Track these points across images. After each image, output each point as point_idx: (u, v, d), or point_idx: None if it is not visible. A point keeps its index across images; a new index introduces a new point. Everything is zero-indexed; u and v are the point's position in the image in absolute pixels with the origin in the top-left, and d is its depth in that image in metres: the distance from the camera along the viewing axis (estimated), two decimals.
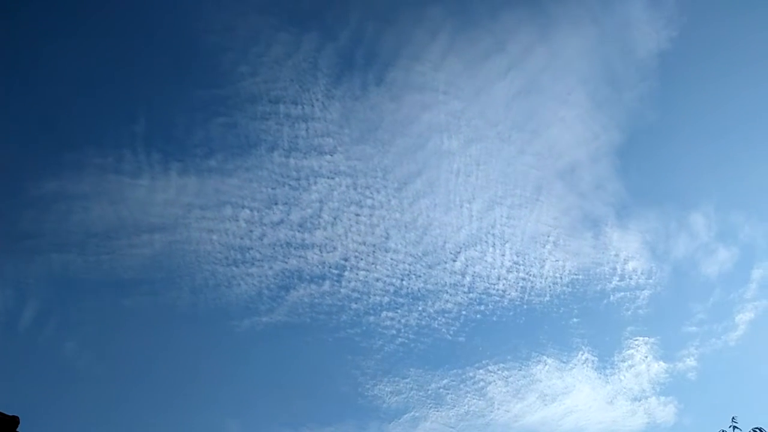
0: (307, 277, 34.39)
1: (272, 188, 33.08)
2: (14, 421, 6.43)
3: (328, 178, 33.75)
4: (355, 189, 33.98)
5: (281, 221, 33.39)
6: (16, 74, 30.03)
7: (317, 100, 34.00)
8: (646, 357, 35.03)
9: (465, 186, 36.04)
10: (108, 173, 31.95)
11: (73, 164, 32.45)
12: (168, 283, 32.38)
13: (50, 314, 30.13)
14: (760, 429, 6.53)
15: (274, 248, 33.19)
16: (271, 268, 33.29)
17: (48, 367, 29.26)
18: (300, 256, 33.73)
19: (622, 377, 34.81)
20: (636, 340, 35.35)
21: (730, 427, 6.68)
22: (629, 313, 36.24)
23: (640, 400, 34.73)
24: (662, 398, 34.85)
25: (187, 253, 31.93)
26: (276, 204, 33.33)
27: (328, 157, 33.95)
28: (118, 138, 33.92)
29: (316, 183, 33.91)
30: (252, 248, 32.83)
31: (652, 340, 35.99)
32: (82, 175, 32.09)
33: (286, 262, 33.67)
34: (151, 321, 33.01)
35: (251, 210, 32.83)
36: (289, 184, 33.70)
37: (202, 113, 36.16)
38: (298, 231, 33.54)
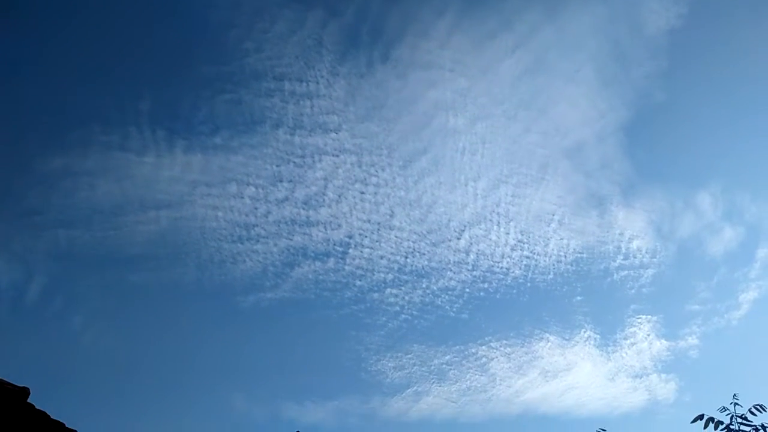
0: (312, 254, 34.55)
1: (277, 165, 33.07)
2: (24, 392, 6.52)
3: (332, 155, 33.70)
4: (360, 167, 33.93)
5: (286, 198, 33.45)
6: (22, 52, 29.90)
7: (322, 77, 33.81)
8: (649, 335, 35.20)
9: (470, 164, 35.94)
10: (114, 150, 31.98)
11: (79, 141, 32.47)
12: (174, 259, 32.59)
13: (57, 289, 30.41)
14: (761, 406, 6.57)
15: (278, 225, 33.31)
16: (275, 245, 33.45)
17: (55, 340, 29.59)
18: (305, 234, 33.86)
19: (624, 355, 35.02)
20: (639, 318, 35.49)
21: (731, 404, 6.72)
22: (633, 291, 36.32)
23: (641, 377, 34.99)
24: (663, 376, 35.10)
25: (192, 229, 32.08)
26: (281, 181, 33.36)
27: (333, 134, 33.87)
28: (124, 115, 33.86)
29: (321, 160, 33.87)
30: (257, 225, 32.95)
31: (654, 318, 36.12)
32: (88, 152, 32.13)
33: (291, 239, 33.81)
34: (157, 296, 33.32)
35: (256, 187, 32.88)
36: (294, 162, 33.68)
37: (207, 90, 36.02)
38: (303, 208, 33.61)
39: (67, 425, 7.60)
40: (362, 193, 34.45)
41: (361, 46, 36.55)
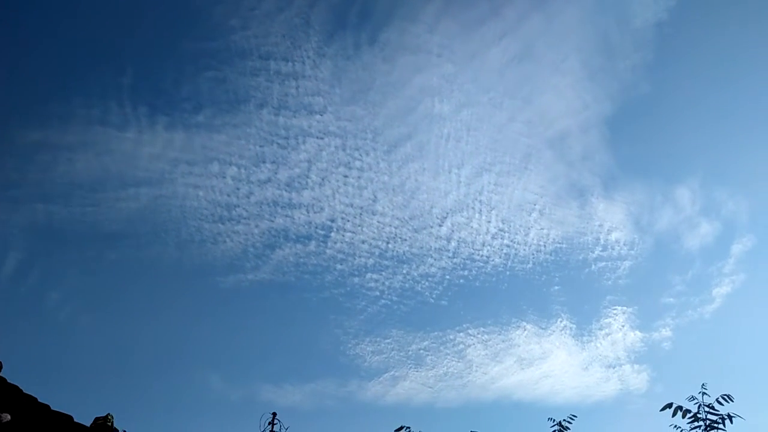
0: (293, 236, 34.48)
1: (260, 146, 32.83)
2: None
3: (317, 138, 33.52)
4: (344, 150, 33.81)
5: (269, 180, 33.27)
6: (2, 23, 29.21)
7: (308, 57, 33.51)
8: (623, 326, 35.78)
9: (454, 151, 36.02)
10: (94, 125, 31.50)
11: (59, 114, 31.92)
12: (153, 237, 32.33)
13: (33, 264, 30.03)
14: (728, 396, 6.73)
15: (260, 206, 33.15)
16: (257, 226, 33.31)
17: (31, 316, 29.31)
18: (287, 216, 33.76)
19: (599, 345, 35.60)
20: (614, 309, 36.03)
21: (699, 393, 6.87)
22: (609, 282, 36.85)
23: (614, 367, 35.62)
24: (636, 366, 35.76)
25: (172, 208, 31.81)
26: (264, 162, 33.15)
27: (317, 116, 33.66)
28: (105, 89, 33.33)
29: (305, 142, 33.69)
30: (239, 206, 32.76)
31: (629, 309, 36.71)
32: (68, 125, 31.61)
33: (273, 221, 33.69)
34: (135, 274, 33.06)
35: (239, 167, 32.64)
36: (278, 143, 33.46)
37: (190, 66, 35.54)
38: (286, 190, 33.47)
39: (39, 400, 7.55)
40: (346, 176, 34.38)
41: (348, 28, 36.23)
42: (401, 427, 7.49)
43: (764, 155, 39.23)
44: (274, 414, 14.63)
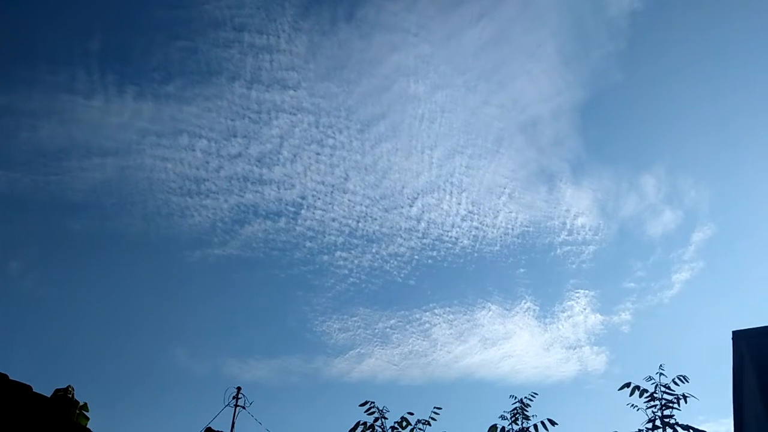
0: (263, 212, 34.23)
1: (232, 120, 32.36)
2: None
3: (290, 113, 33.18)
4: (317, 127, 33.56)
5: (239, 154, 32.86)
6: None
7: (283, 31, 33.00)
8: (585, 309, 36.66)
9: (428, 132, 36.07)
10: (60, 92, 30.58)
11: (23, 80, 30.89)
12: (119, 208, 31.74)
13: None
14: (683, 377, 6.95)
15: (230, 181, 32.76)
16: (226, 201, 32.94)
17: None
18: (257, 191, 33.47)
19: (560, 326, 36.44)
20: (577, 292, 36.87)
21: (656, 374, 7.09)
22: (573, 266, 37.62)
23: (574, 349, 36.55)
24: (595, 348, 36.74)
25: (139, 180, 31.23)
26: (235, 136, 32.71)
27: (291, 92, 33.27)
28: (72, 55, 32.37)
29: (277, 118, 33.31)
30: (208, 180, 32.33)
31: (592, 293, 37.60)
32: (32, 91, 30.63)
33: (242, 197, 33.36)
34: (99, 246, 32.48)
35: (209, 140, 32.15)
36: (250, 117, 33.00)
37: (161, 35, 34.68)
38: (257, 166, 33.13)
39: None
40: (318, 154, 34.14)
41: (325, 3, 35.71)
42: (365, 402, 7.55)
43: (728, 146, 40.27)
44: (239, 388, 14.67)
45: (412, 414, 7.54)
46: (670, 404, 6.98)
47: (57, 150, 30.68)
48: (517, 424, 7.47)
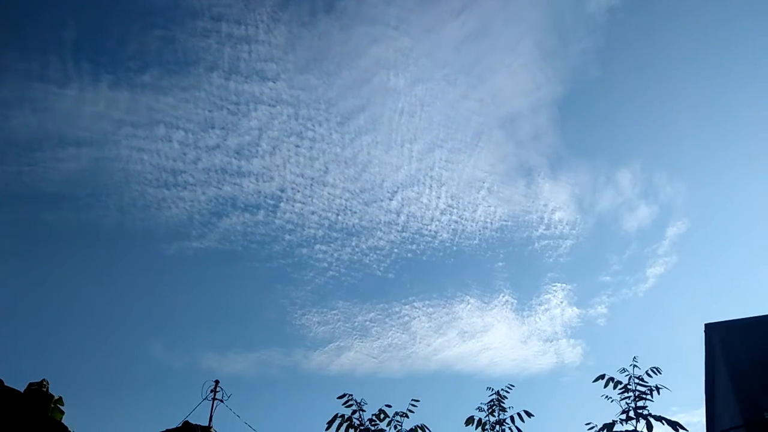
0: (242, 205, 33.98)
1: (209, 111, 32.02)
2: None
3: (269, 105, 32.93)
4: (296, 119, 33.38)
5: (217, 146, 32.54)
6: None
7: (262, 21, 32.70)
8: (562, 302, 37.14)
9: (408, 126, 36.09)
10: (32, 80, 29.95)
11: None
12: (93, 200, 31.26)
13: None
14: (656, 369, 7.08)
15: (208, 173, 32.45)
16: (204, 193, 32.64)
17: None
18: (235, 184, 33.20)
19: (538, 319, 36.88)
20: (554, 286, 37.32)
21: (630, 366, 7.21)
22: (551, 260, 38.05)
23: (551, 341, 37.03)
24: (572, 341, 37.25)
25: (115, 171, 30.78)
26: (213, 128, 32.38)
27: (270, 83, 33.02)
28: (45, 43, 31.72)
29: (256, 110, 33.04)
30: (185, 171, 31.98)
31: (568, 286, 38.09)
32: (3, 80, 29.94)
33: (220, 189, 33.06)
34: (73, 238, 31.97)
35: (186, 132, 31.79)
36: (228, 108, 32.68)
37: (137, 24, 34.12)
38: (235, 158, 32.85)
39: None
40: (297, 146, 33.96)
41: None
42: (343, 395, 7.56)
43: (704, 143, 40.95)
44: (217, 382, 14.58)
45: (389, 407, 7.57)
46: (644, 395, 7.10)
47: (30, 140, 30.15)
48: (494, 416, 7.55)
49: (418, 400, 7.49)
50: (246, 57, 32.66)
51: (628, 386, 7.21)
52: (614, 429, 6.99)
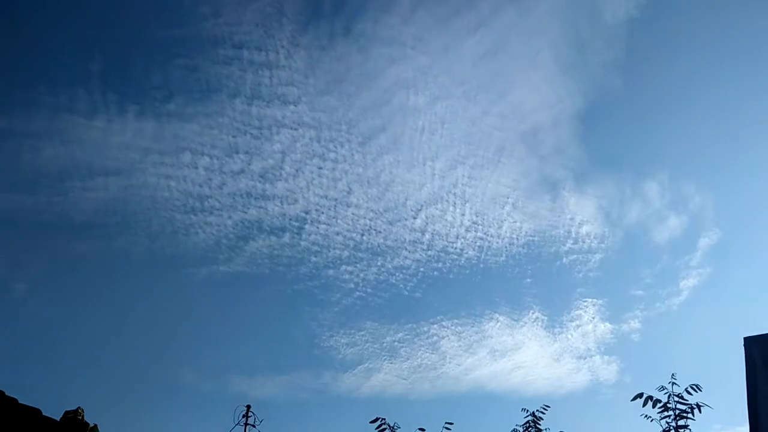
0: (267, 228, 34.23)
1: (233, 136, 32.49)
2: None
3: (291, 128, 33.29)
4: (318, 141, 33.64)
5: (242, 170, 32.93)
6: None
7: (282, 47, 33.21)
8: (593, 318, 36.41)
9: (429, 144, 36.10)
10: (61, 112, 30.78)
11: (24, 101, 31.11)
12: (123, 228, 31.81)
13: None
14: (696, 386, 6.88)
15: (233, 198, 32.82)
16: (230, 217, 32.98)
17: None
18: (260, 207, 33.49)
19: (569, 336, 36.17)
20: (585, 301, 36.63)
21: (669, 383, 7.02)
22: (580, 275, 37.41)
23: (585, 359, 36.24)
24: (606, 357, 36.41)
25: (143, 198, 31.31)
26: (237, 153, 32.80)
27: (291, 107, 33.41)
28: (73, 76, 32.61)
29: (278, 133, 33.42)
30: (211, 197, 32.39)
31: (600, 301, 37.35)
32: (34, 113, 30.83)
33: (246, 213, 33.38)
34: (104, 266, 32.51)
35: (211, 158, 32.25)
36: (251, 133, 33.12)
37: (160, 54, 34.92)
38: (259, 181, 33.18)
39: (6, 393, 7.36)
40: (320, 168, 34.18)
41: (322, 17, 35.97)
42: (376, 419, 7.49)
43: (731, 150, 40.20)
44: (248, 406, 14.56)
45: (423, 430, 7.47)
46: (684, 414, 6.89)
47: (59, 171, 30.86)
48: None
49: (452, 423, 7.39)
50: (267, 82, 33.15)
51: (668, 405, 7.01)
52: None
